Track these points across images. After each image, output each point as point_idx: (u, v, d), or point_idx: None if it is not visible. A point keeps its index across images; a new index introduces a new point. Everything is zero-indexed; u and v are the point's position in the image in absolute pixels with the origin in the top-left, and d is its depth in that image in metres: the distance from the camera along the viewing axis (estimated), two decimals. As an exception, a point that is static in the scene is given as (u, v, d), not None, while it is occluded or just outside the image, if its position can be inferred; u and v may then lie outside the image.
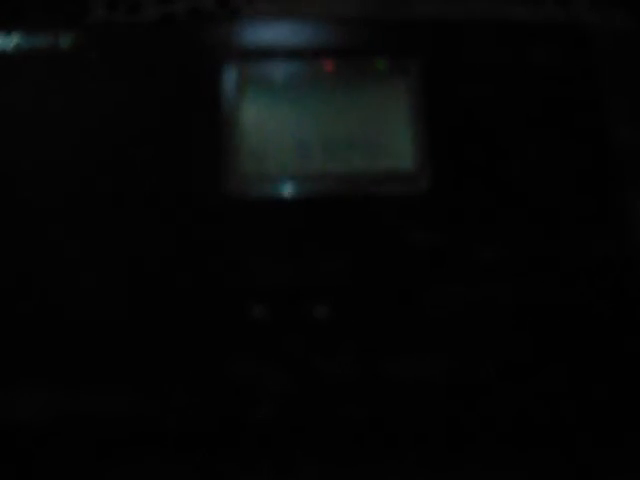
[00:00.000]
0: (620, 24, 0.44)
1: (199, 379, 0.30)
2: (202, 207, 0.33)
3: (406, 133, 0.34)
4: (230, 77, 0.36)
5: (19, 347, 0.31)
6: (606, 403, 0.30)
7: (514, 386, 0.30)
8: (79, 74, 0.36)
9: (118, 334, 0.31)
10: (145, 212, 0.33)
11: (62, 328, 0.31)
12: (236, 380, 0.30)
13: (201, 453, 0.30)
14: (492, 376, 0.30)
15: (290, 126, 0.35)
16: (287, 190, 0.33)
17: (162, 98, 0.35)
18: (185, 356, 0.30)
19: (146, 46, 0.37)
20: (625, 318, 0.31)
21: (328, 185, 0.33)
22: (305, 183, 0.33)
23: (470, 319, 0.31)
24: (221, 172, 0.33)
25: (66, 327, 0.31)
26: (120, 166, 0.34)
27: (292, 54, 0.36)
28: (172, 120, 0.35)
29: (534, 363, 0.30)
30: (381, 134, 0.34)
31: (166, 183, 0.33)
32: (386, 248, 0.32)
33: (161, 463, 0.30)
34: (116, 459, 0.30)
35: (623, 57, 0.39)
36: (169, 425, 0.30)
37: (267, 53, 0.36)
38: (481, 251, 0.32)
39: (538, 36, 0.36)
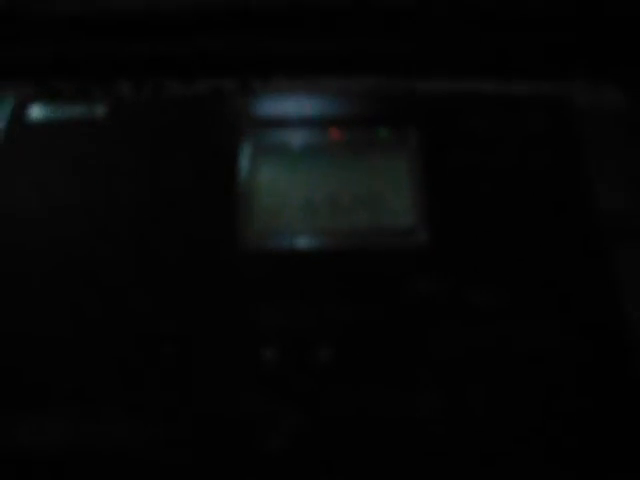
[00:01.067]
0: (610, 102, 0.47)
1: (214, 416, 0.33)
2: (221, 260, 0.36)
3: (406, 193, 0.38)
4: (247, 145, 0.40)
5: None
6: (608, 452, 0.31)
7: (508, 423, 0.32)
8: (111, 144, 0.40)
9: (137, 374, 0.33)
10: (170, 264, 0.36)
11: (67, 360, 0.33)
12: (249, 418, 0.32)
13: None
14: (487, 413, 0.32)
15: (300, 188, 0.39)
16: (297, 244, 0.36)
17: (187, 165, 0.39)
18: (201, 394, 0.33)
19: (172, 118, 0.41)
20: (620, 365, 0.33)
21: (334, 239, 0.36)
22: (313, 238, 0.37)
23: (468, 362, 0.33)
24: (238, 229, 0.37)
25: (74, 360, 0.34)
26: (146, 228, 0.37)
27: (302, 124, 0.40)
28: (196, 185, 0.39)
29: (532, 408, 0.32)
30: (383, 194, 0.38)
31: (190, 240, 0.37)
32: (387, 296, 0.35)
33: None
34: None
35: (610, 131, 0.43)
36: (178, 459, 0.32)
37: (280, 124, 0.41)
38: (475, 298, 0.34)
39: (528, 108, 0.40)
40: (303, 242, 0.37)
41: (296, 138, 0.40)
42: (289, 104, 0.42)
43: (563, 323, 0.34)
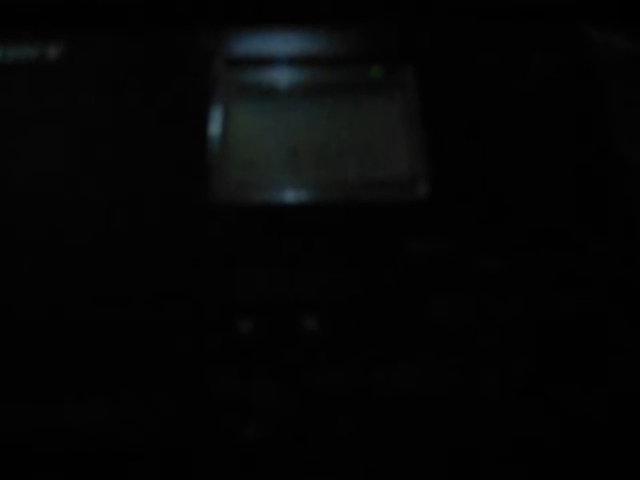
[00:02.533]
0: (622, 47, 0.43)
1: (183, 396, 0.28)
2: (188, 214, 0.31)
3: (403, 140, 0.33)
4: (221, 86, 0.35)
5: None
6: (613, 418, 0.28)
7: (517, 401, 0.28)
8: (67, 84, 0.35)
9: (95, 347, 0.29)
10: (131, 219, 0.31)
11: (42, 337, 0.29)
12: (222, 398, 0.28)
13: (185, 474, 0.28)
14: (494, 390, 0.28)
15: (282, 134, 0.34)
16: (278, 197, 0.32)
17: (153, 110, 0.34)
18: (168, 372, 0.29)
19: (134, 58, 0.36)
20: (632, 331, 0.29)
21: (321, 192, 0.32)
22: (296, 191, 0.32)
23: (470, 330, 0.29)
24: (210, 180, 0.32)
25: (46, 337, 0.29)
26: (108, 173, 0.33)
27: (284, 63, 0.35)
28: (162, 128, 0.34)
29: (538, 377, 0.28)
30: (376, 142, 0.33)
31: (155, 190, 0.32)
32: (381, 257, 0.30)
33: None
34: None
35: (625, 76, 0.38)
36: (150, 444, 0.28)
37: (259, 61, 0.36)
38: (481, 260, 0.30)
39: (541, 40, 0.35)
40: (285, 195, 0.32)
41: (277, 78, 0.35)
42: (269, 40, 0.36)
43: (580, 291, 0.29)
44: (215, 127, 0.33)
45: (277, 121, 0.34)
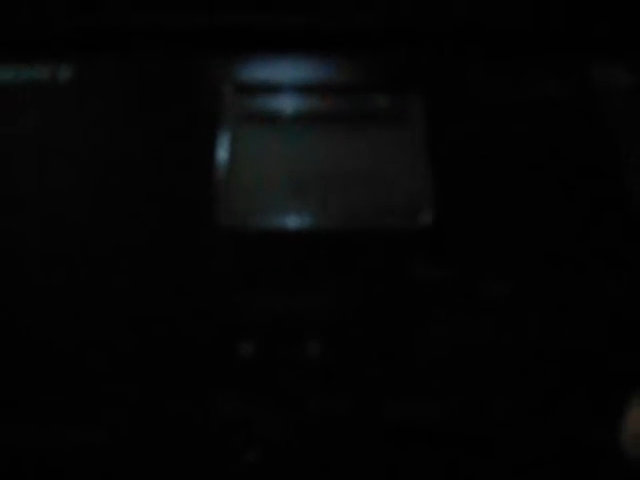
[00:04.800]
0: (624, 80, 0.43)
1: (183, 420, 0.28)
2: (193, 238, 0.31)
3: (408, 168, 0.33)
4: (228, 112, 0.35)
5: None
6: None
7: (518, 430, 0.28)
8: (77, 106, 0.36)
9: (95, 367, 0.29)
10: (136, 241, 0.31)
11: (38, 357, 0.29)
12: (222, 423, 0.28)
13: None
14: (495, 419, 0.28)
15: (288, 161, 0.34)
16: (282, 223, 0.32)
17: (160, 134, 0.35)
18: (168, 395, 0.28)
19: (144, 82, 0.36)
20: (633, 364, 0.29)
21: (325, 219, 0.32)
22: (301, 217, 0.32)
23: (471, 357, 0.29)
24: (216, 206, 0.32)
25: (42, 359, 0.29)
26: (115, 195, 0.33)
27: (291, 90, 0.36)
28: (170, 152, 0.34)
29: (539, 404, 0.28)
30: (381, 170, 0.33)
31: (160, 213, 0.32)
32: (384, 283, 0.30)
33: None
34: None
35: (627, 109, 0.39)
36: (149, 467, 0.27)
37: (266, 89, 0.36)
38: (483, 287, 0.30)
39: (545, 72, 0.35)
40: (289, 221, 0.32)
41: (284, 105, 0.35)
42: (277, 68, 0.37)
43: (582, 317, 0.29)
44: (222, 152, 0.34)
45: (283, 148, 0.34)
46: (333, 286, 0.30)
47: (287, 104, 0.36)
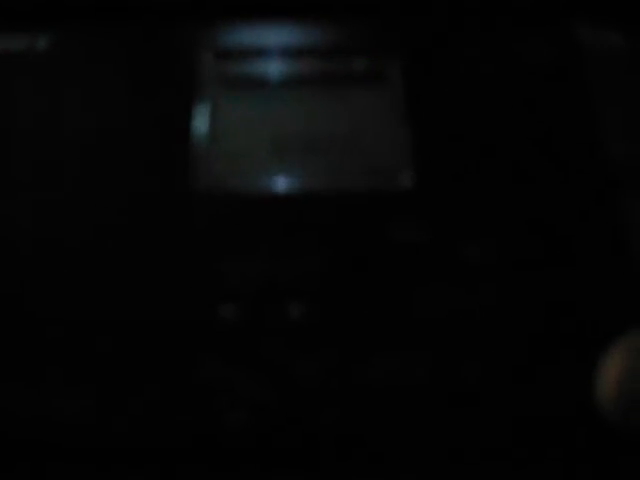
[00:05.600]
0: (614, 43, 0.43)
1: (166, 386, 0.28)
2: (172, 204, 0.31)
3: (388, 130, 0.33)
4: (207, 77, 0.35)
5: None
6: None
7: (502, 390, 0.28)
8: (54, 75, 0.35)
9: (77, 337, 0.29)
10: (115, 208, 0.31)
11: (27, 329, 0.29)
12: (205, 387, 0.28)
13: (168, 467, 0.28)
14: (478, 380, 0.28)
15: (269, 125, 0.34)
16: (263, 185, 0.32)
17: (138, 97, 0.34)
18: (152, 360, 0.28)
19: (122, 49, 0.36)
20: (617, 317, 0.29)
21: (306, 182, 0.32)
22: (282, 179, 0.32)
23: (455, 319, 0.29)
24: (196, 168, 0.32)
25: (30, 328, 0.29)
26: (93, 163, 0.33)
27: (270, 54, 0.36)
28: (149, 119, 0.34)
29: (523, 365, 0.28)
30: (362, 132, 0.33)
31: (140, 180, 0.32)
32: (367, 245, 0.30)
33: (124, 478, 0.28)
34: (75, 474, 0.28)
35: (616, 73, 0.38)
36: (131, 436, 0.28)
37: (246, 53, 0.36)
38: (466, 250, 0.30)
39: (529, 35, 0.35)
40: (270, 184, 0.32)
41: (264, 70, 0.35)
42: (255, 33, 0.36)
43: (564, 280, 0.30)
44: (202, 118, 0.33)
45: (264, 112, 0.34)
46: (314, 248, 0.30)
47: (267, 69, 0.35)
